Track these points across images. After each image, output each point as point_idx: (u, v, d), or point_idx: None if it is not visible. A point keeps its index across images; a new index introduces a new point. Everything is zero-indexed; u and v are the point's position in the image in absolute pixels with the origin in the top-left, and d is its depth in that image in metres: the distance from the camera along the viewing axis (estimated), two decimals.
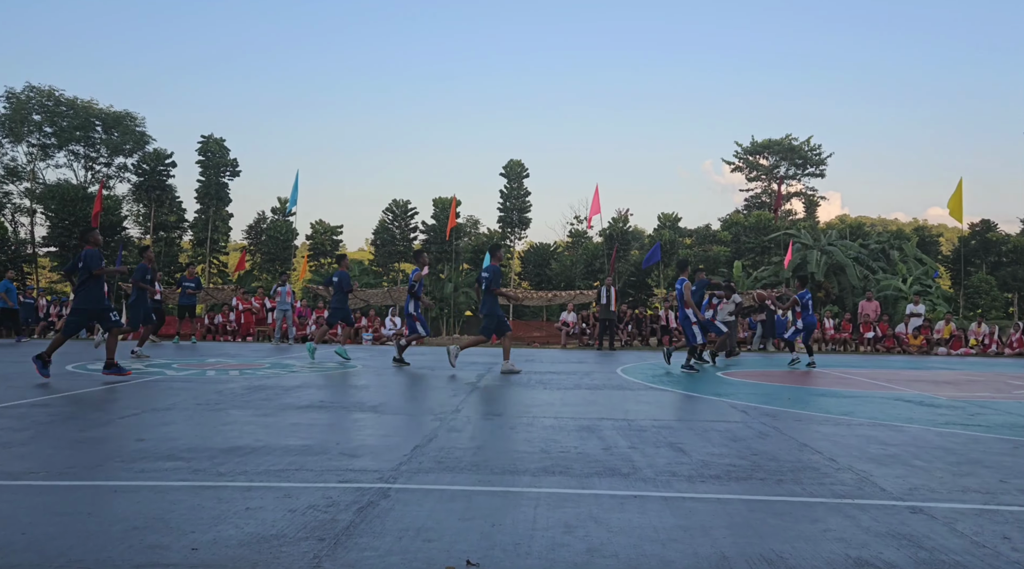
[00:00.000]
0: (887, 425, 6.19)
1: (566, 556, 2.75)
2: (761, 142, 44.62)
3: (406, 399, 7.66)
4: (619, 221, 37.51)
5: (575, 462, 4.45)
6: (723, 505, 3.53)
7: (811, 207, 45.87)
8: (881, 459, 4.67)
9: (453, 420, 6.11)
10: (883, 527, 3.18)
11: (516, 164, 40.06)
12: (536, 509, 3.39)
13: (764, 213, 37.52)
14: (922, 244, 34.87)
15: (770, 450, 4.93)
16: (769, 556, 2.78)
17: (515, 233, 40.59)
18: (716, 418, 6.47)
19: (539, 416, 6.43)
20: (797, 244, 31.07)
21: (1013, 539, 3.04)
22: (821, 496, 3.72)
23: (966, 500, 3.67)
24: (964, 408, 7.44)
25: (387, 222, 40.99)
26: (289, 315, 20.50)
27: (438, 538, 2.92)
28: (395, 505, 3.40)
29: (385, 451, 4.73)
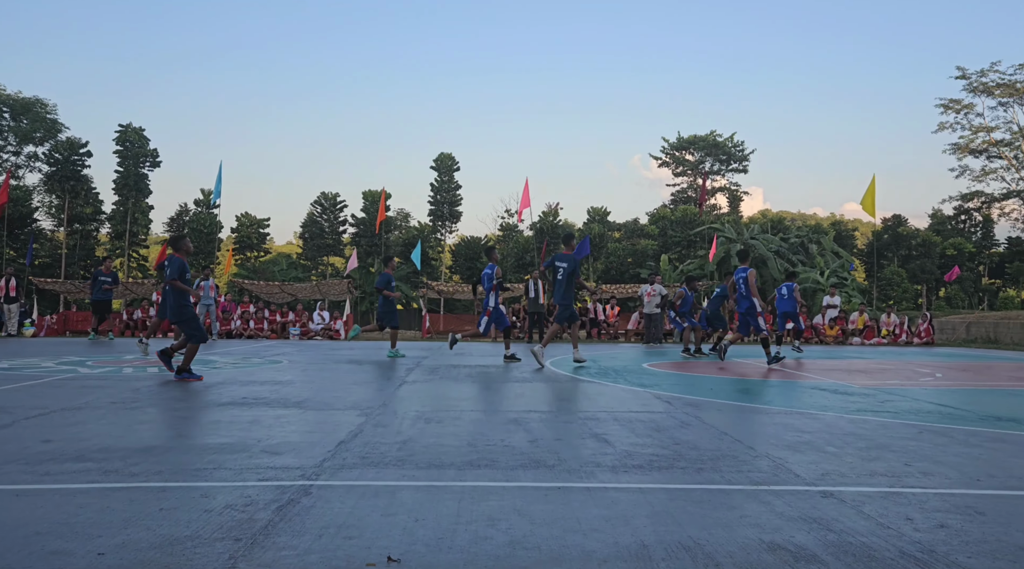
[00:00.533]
0: (803, 413, 6.42)
1: (488, 549, 2.75)
2: (687, 138, 45.61)
3: (332, 394, 7.54)
4: (549, 215, 37.78)
5: (501, 455, 4.46)
6: (644, 494, 3.59)
7: (735, 202, 47.12)
8: (796, 446, 4.83)
9: (380, 415, 6.05)
10: (796, 512, 3.29)
11: (447, 157, 39.91)
12: (460, 503, 3.38)
13: (690, 207, 38.35)
14: (839, 238, 36.24)
15: (691, 439, 5.04)
16: (687, 543, 2.84)
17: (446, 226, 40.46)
18: (640, 409, 6.58)
19: (467, 410, 6.42)
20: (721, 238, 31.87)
21: (915, 520, 3.18)
22: (739, 483, 3.82)
23: (873, 484, 3.83)
24: (875, 395, 7.77)
25: (316, 215, 40.30)
26: (212, 310, 19.93)
27: (359, 535, 2.88)
28: (316, 503, 3.34)
29: (308, 448, 4.64)
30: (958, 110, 40.63)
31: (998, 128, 40.43)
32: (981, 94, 39.80)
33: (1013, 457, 4.58)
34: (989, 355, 16.44)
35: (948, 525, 3.10)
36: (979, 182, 41.70)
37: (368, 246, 38.21)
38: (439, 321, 26.08)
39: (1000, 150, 40.52)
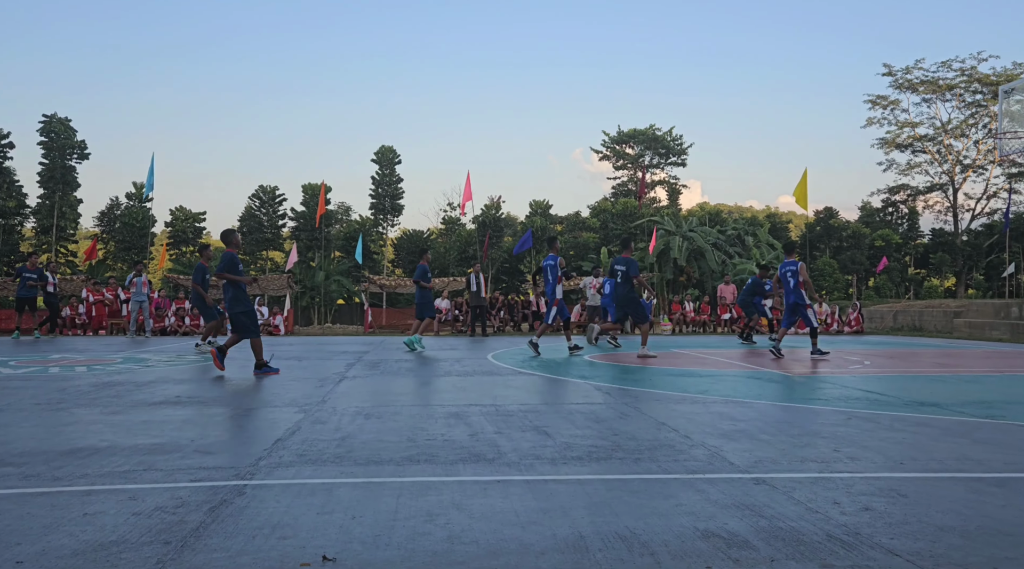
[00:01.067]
0: (738, 402, 6.56)
1: (426, 545, 2.73)
2: (627, 132, 46.08)
3: (270, 392, 7.40)
4: (492, 208, 37.77)
5: (441, 449, 4.45)
6: (583, 486, 3.62)
7: (674, 195, 47.87)
8: (731, 434, 4.94)
9: (318, 412, 5.96)
10: (729, 499, 3.36)
11: (388, 150, 39.51)
12: (399, 499, 3.35)
13: (630, 201, 38.81)
14: (774, 230, 37.16)
15: (630, 430, 5.11)
16: (623, 533, 2.87)
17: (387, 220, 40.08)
18: (581, 401, 6.64)
19: (407, 405, 6.38)
20: (661, 230, 32.35)
21: (842, 504, 3.28)
22: (675, 472, 3.88)
23: (803, 470, 3.94)
24: (807, 383, 8.00)
25: (254, 208, 39.44)
26: (146, 307, 19.35)
27: (294, 534, 2.83)
28: (250, 503, 3.27)
29: (243, 446, 4.55)
30: (885, 106, 42.08)
31: (922, 123, 42.04)
32: (906, 91, 41.29)
33: (934, 441, 4.76)
34: (914, 342, 17.09)
35: (873, 508, 3.21)
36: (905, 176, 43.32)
37: (308, 240, 37.58)
38: (381, 315, 25.84)
39: (924, 145, 42.11)
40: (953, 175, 41.87)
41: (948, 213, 42.50)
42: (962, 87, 40.09)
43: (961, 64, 39.72)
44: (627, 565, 2.54)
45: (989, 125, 39.42)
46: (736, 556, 2.62)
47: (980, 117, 40.43)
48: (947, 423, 5.42)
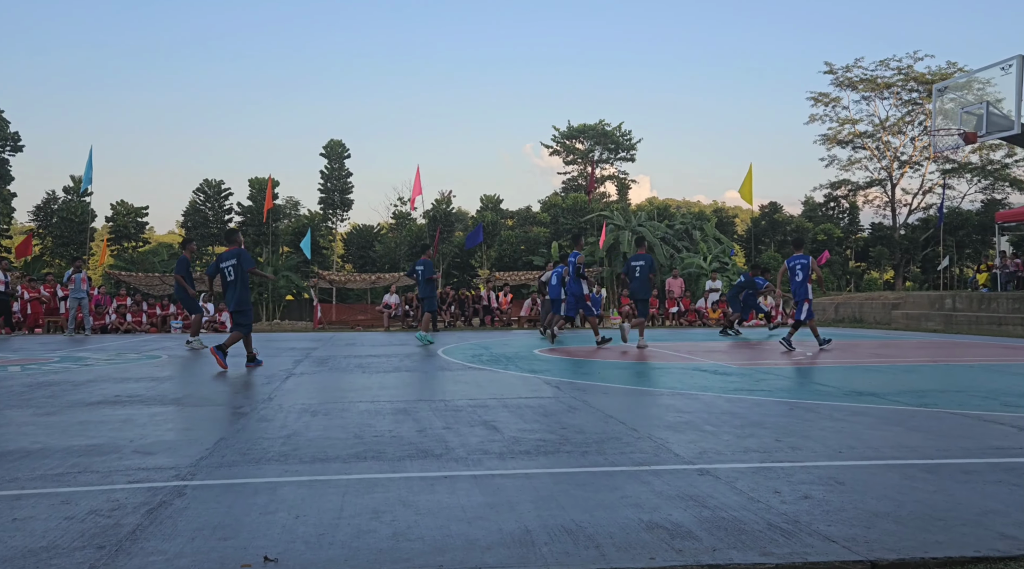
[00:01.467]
0: (684, 394, 6.66)
1: (371, 543, 2.71)
2: (577, 127, 46.31)
3: (213, 390, 7.25)
4: (442, 203, 37.62)
5: (388, 446, 4.41)
6: (530, 480, 3.63)
7: (623, 190, 48.30)
8: (677, 426, 5.01)
9: (264, 410, 5.86)
10: (674, 490, 3.40)
11: (337, 144, 39.05)
12: (344, 497, 3.31)
13: (580, 195, 39.05)
14: (720, 225, 37.80)
15: (578, 423, 5.14)
16: (569, 526, 2.89)
17: (337, 215, 39.62)
18: (530, 395, 6.66)
19: (355, 401, 6.32)
20: (611, 225, 32.63)
21: (783, 493, 3.35)
22: (622, 465, 3.92)
23: (746, 460, 4.02)
24: (751, 375, 8.16)
25: (199, 203, 38.59)
26: (85, 304, 18.77)
27: (235, 535, 2.77)
28: (191, 503, 3.19)
29: (185, 446, 4.44)
30: (827, 103, 43.09)
31: (861, 120, 43.17)
32: (847, 88, 42.35)
33: (871, 429, 4.90)
34: (855, 334, 17.56)
35: (812, 496, 3.29)
36: (846, 171, 44.44)
37: (255, 235, 36.90)
38: (331, 311, 25.53)
39: (864, 141, 43.26)
40: (891, 171, 43.14)
41: (887, 208, 43.77)
42: (899, 85, 41.28)
43: (898, 63, 40.92)
44: (572, 558, 2.55)
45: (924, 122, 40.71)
46: (679, 547, 2.65)
47: (916, 115, 41.71)
48: (884, 412, 5.58)
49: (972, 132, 12.89)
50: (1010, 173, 40.43)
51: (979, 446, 4.33)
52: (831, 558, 2.54)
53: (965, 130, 13.02)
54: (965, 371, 8.65)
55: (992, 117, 12.52)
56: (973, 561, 2.54)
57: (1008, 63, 12.23)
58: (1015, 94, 12.03)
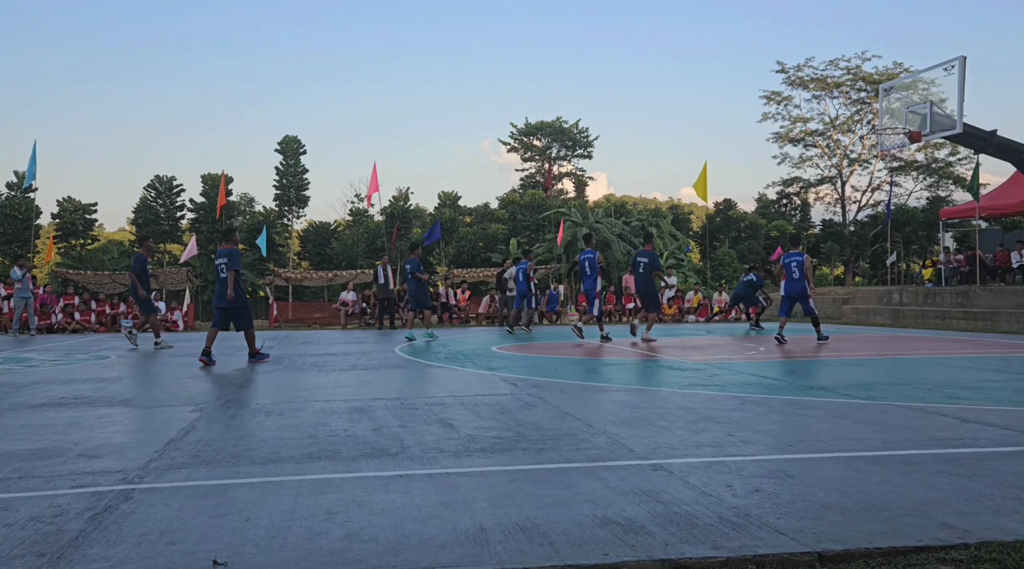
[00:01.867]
0: (639, 389, 6.72)
1: (323, 544, 2.68)
2: (534, 124, 46.40)
3: (164, 390, 7.09)
4: (400, 200, 37.38)
5: (343, 445, 4.37)
6: (486, 478, 3.63)
7: (580, 187, 48.55)
8: (632, 422, 5.05)
9: (216, 410, 5.76)
10: (628, 486, 3.43)
11: (292, 140, 38.53)
12: (297, 498, 3.27)
13: (538, 192, 39.14)
14: (676, 221, 38.23)
15: (534, 420, 5.15)
16: (524, 524, 2.89)
17: (293, 212, 39.10)
18: (487, 392, 6.65)
19: (310, 400, 6.24)
20: (568, 222, 32.77)
21: (734, 486, 3.41)
22: (577, 461, 3.94)
23: (699, 454, 4.07)
24: (705, 370, 8.27)
25: (149, 200, 37.72)
26: (30, 303, 18.21)
27: (183, 539, 2.72)
28: (138, 508, 3.12)
29: (132, 449, 4.34)
30: (779, 102, 43.85)
31: (812, 119, 44.04)
32: (798, 87, 43.15)
33: (820, 422, 5.01)
34: (806, 328, 17.90)
35: (762, 489, 3.35)
36: (798, 169, 45.30)
37: (209, 232, 36.19)
38: (287, 309, 25.18)
39: (815, 139, 44.14)
40: (841, 168, 44.10)
41: (837, 205, 44.73)
42: (848, 85, 42.20)
43: (847, 63, 41.81)
44: (526, 556, 2.56)
45: (872, 121, 41.69)
46: (632, 542, 2.68)
47: (865, 114, 42.67)
48: (833, 406, 5.70)
49: (917, 131, 13.25)
50: (953, 171, 41.62)
51: (922, 438, 4.45)
52: (780, 550, 2.59)
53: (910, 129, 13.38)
54: (911, 364, 8.89)
55: (936, 117, 12.89)
56: (916, 550, 2.61)
57: (951, 64, 12.59)
58: (957, 94, 12.41)
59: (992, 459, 3.89)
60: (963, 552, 2.58)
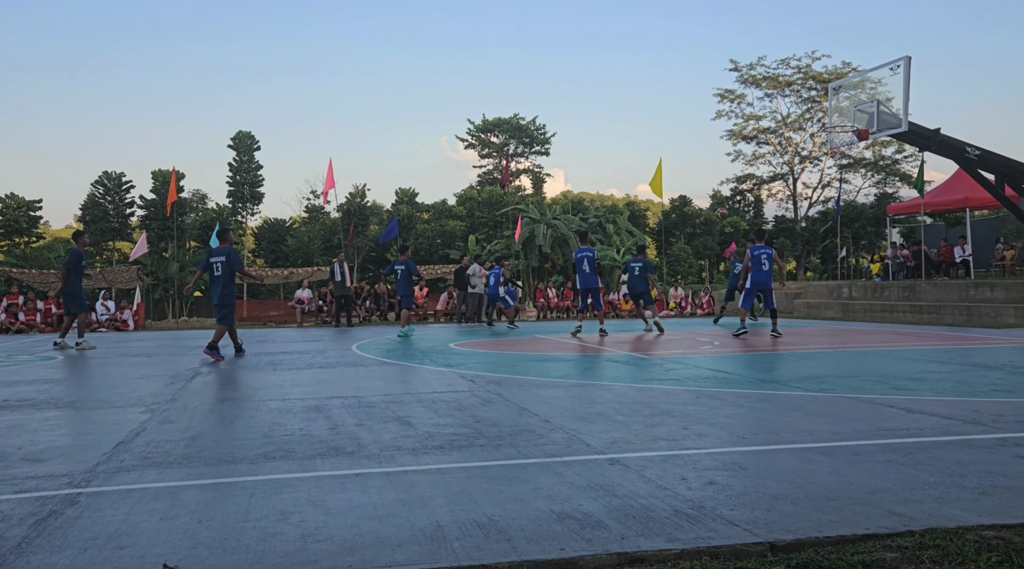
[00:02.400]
0: (597, 384, 6.77)
1: (278, 545, 2.64)
2: (492, 121, 46.34)
3: (113, 391, 6.92)
4: (356, 196, 37.03)
5: (299, 445, 4.32)
6: (443, 475, 3.62)
7: (538, 183, 48.65)
8: (589, 417, 5.08)
9: (167, 410, 5.64)
10: (585, 480, 3.45)
11: (246, 136, 37.87)
12: (251, 499, 3.22)
13: (496, 189, 39.11)
14: (633, 218, 38.55)
15: (492, 416, 5.15)
16: (481, 520, 2.89)
17: (247, 208, 38.45)
18: (445, 389, 6.63)
19: (265, 399, 6.15)
20: (526, 219, 32.81)
21: (689, 479, 3.45)
22: (534, 457, 3.95)
23: (655, 448, 4.11)
24: (661, 364, 8.36)
25: (98, 197, 36.75)
26: None
27: (132, 544, 2.66)
28: (84, 512, 3.04)
29: (80, 451, 4.23)
30: (732, 99, 44.50)
31: (765, 117, 44.79)
32: (751, 85, 43.85)
33: (773, 415, 5.10)
34: (759, 323, 18.22)
35: (716, 482, 3.40)
36: (751, 166, 46.03)
37: (160, 230, 35.39)
38: (242, 307, 24.78)
39: (767, 137, 44.90)
40: (793, 165, 44.95)
41: (789, 201, 45.56)
42: (799, 84, 43.02)
43: (798, 62, 42.59)
44: (483, 552, 2.55)
45: (823, 119, 42.56)
46: (589, 536, 2.69)
47: (815, 112, 43.51)
48: (785, 398, 5.81)
49: (864, 129, 13.57)
50: (900, 168, 42.73)
51: (870, 428, 4.57)
52: (733, 541, 2.63)
53: (859, 127, 13.69)
54: (860, 357, 9.11)
55: (883, 115, 13.22)
56: (863, 538, 2.67)
57: (896, 64, 12.92)
58: (902, 93, 12.75)
59: (936, 448, 4.00)
60: (908, 539, 2.65)
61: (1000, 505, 3.00)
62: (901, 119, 12.91)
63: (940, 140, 13.21)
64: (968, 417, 4.88)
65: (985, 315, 16.69)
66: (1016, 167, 13.90)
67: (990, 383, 6.45)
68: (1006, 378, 6.81)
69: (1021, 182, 14.03)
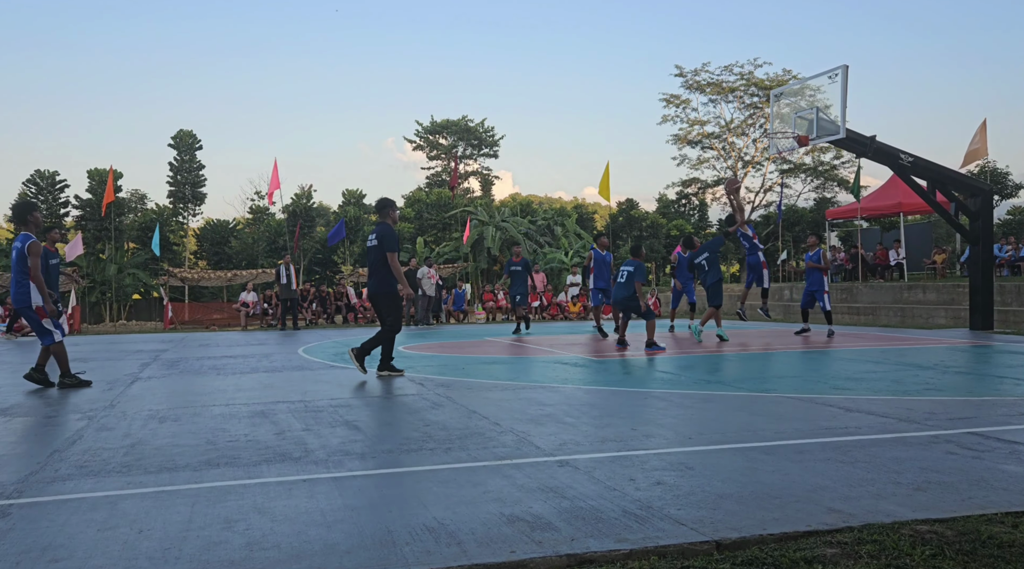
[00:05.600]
0: (546, 387, 6.80)
1: (222, 554, 2.58)
2: (440, 122, 46.24)
3: (48, 398, 6.69)
4: (302, 197, 36.52)
5: (244, 451, 4.23)
6: (393, 479, 3.59)
7: (487, 185, 48.70)
8: (539, 419, 5.10)
9: (105, 417, 5.47)
10: (535, 483, 3.46)
11: (187, 134, 37.03)
12: (194, 507, 3.15)
13: (444, 191, 39.02)
14: (581, 220, 38.89)
15: (442, 420, 5.13)
16: (431, 524, 2.87)
17: (188, 209, 37.58)
18: (394, 393, 6.58)
19: (208, 405, 6.02)
20: (475, 221, 32.80)
21: (637, 480, 3.49)
22: (484, 460, 3.95)
23: (604, 449, 4.15)
24: (609, 366, 8.44)
25: (29, 195, 35.45)
26: None
27: (68, 556, 2.57)
28: (16, 524, 2.93)
29: (12, 461, 4.07)
30: (677, 104, 45.26)
31: (709, 122, 45.67)
32: (695, 91, 44.66)
33: (718, 415, 5.20)
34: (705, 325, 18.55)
35: (664, 482, 3.44)
36: (696, 170, 46.86)
37: (96, 230, 34.34)
38: (184, 310, 24.19)
39: (711, 142, 45.78)
40: (736, 170, 45.90)
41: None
42: (742, 90, 43.98)
43: (741, 69, 43.52)
44: (434, 557, 2.54)
45: (764, 125, 43.57)
46: (539, 538, 2.70)
47: (757, 118, 44.52)
48: (730, 398, 5.93)
49: (805, 135, 13.92)
50: (838, 173, 44.03)
51: (811, 427, 4.69)
52: (680, 540, 2.67)
53: (799, 133, 14.04)
54: (800, 357, 9.34)
55: (822, 122, 13.59)
56: (805, 535, 2.74)
57: (835, 72, 13.30)
58: (840, 101, 13.12)
59: (873, 446, 4.13)
60: (847, 535, 2.72)
61: (933, 500, 3.11)
62: (839, 126, 13.29)
63: (876, 147, 13.63)
64: (903, 415, 5.05)
65: (918, 316, 17.30)
66: (947, 174, 14.44)
67: (923, 382, 6.68)
68: (938, 377, 7.06)
69: (951, 188, 14.58)
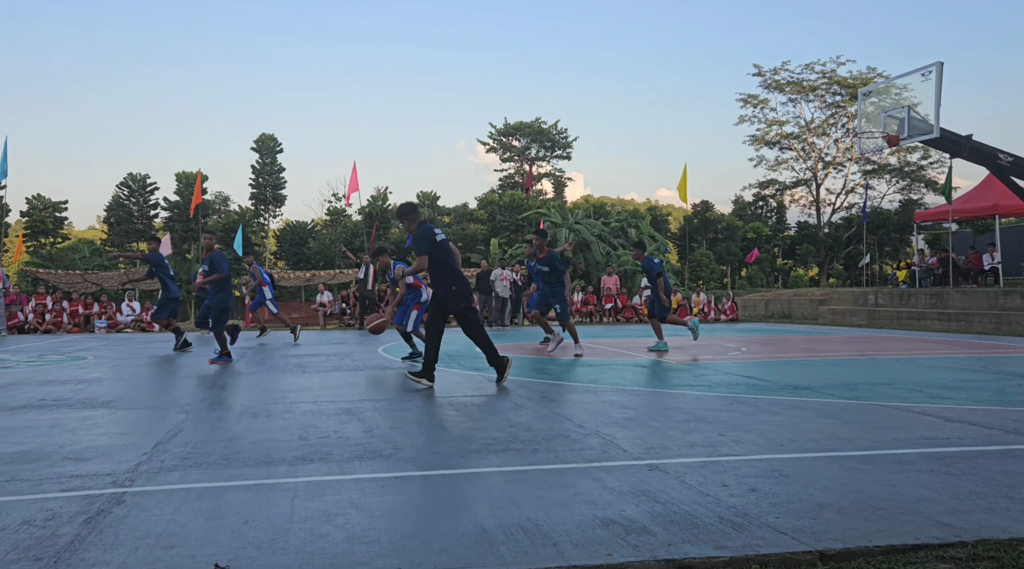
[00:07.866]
0: (628, 390, 6.74)
1: (325, 547, 2.65)
2: (513, 124, 46.41)
3: (147, 392, 7.00)
4: (378, 199, 37.22)
5: (335, 447, 4.34)
6: (482, 479, 3.62)
7: (559, 187, 48.63)
8: (623, 422, 5.06)
9: (201, 411, 5.69)
10: (625, 486, 3.44)
11: (268, 138, 38.23)
12: (294, 500, 3.24)
13: (517, 193, 39.15)
14: (655, 222, 38.43)
15: (526, 421, 5.15)
16: (525, 525, 2.89)
17: (269, 211, 38.80)
18: (475, 393, 6.64)
19: (297, 402, 6.19)
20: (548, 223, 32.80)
21: (730, 486, 3.43)
22: (572, 462, 3.94)
23: (693, 454, 4.09)
24: (690, 370, 8.32)
25: (122, 198, 37.24)
26: (0, 303, 17.90)
27: (182, 543, 2.68)
28: (132, 511, 3.07)
29: (120, 451, 4.27)
30: (755, 105, 44.26)
31: (788, 122, 44.51)
32: (774, 90, 43.59)
33: (808, 422, 5.06)
34: (785, 329, 18.10)
35: (759, 489, 3.37)
36: (773, 171, 45.74)
37: (183, 231, 35.79)
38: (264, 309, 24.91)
39: (790, 142, 44.61)
40: (816, 171, 44.60)
41: (812, 207, 45.20)
42: (823, 89, 42.70)
43: (822, 67, 42.28)
44: (531, 557, 2.55)
45: (847, 125, 42.21)
46: (635, 542, 2.68)
47: (839, 117, 43.19)
48: (818, 405, 5.76)
49: (895, 135, 13.44)
50: (926, 174, 42.27)
51: (910, 437, 4.51)
52: (782, 549, 2.61)
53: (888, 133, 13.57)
54: (890, 364, 9.00)
55: (913, 121, 13.09)
56: (914, 548, 2.64)
57: (928, 70, 12.80)
58: (934, 99, 12.62)
59: (979, 458, 3.95)
60: (961, 550, 2.61)
61: None
62: (932, 125, 12.78)
63: (972, 146, 13.05)
64: (1009, 427, 4.81)
65: (1015, 323, 16.45)
66: None
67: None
68: None
69: None
